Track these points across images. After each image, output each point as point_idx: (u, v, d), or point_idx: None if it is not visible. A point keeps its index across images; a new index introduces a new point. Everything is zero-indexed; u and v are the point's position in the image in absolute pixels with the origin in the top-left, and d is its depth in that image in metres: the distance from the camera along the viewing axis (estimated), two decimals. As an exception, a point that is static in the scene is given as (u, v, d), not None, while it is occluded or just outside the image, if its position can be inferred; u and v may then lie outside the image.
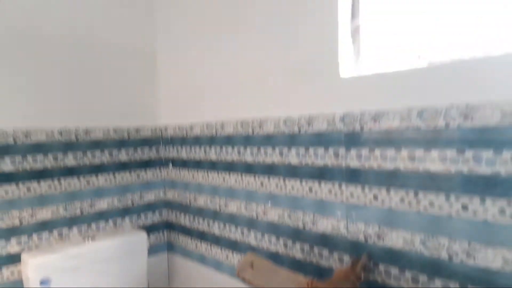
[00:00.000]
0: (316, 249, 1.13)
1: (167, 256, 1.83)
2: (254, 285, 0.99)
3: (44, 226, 1.48)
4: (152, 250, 1.75)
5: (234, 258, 1.43)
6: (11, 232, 1.41)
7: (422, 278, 0.89)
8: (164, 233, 1.82)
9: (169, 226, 1.81)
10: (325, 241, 1.10)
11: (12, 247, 1.41)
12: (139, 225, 1.74)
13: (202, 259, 1.62)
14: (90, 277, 1.44)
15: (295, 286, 0.90)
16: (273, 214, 1.26)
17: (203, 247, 1.61)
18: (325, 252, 1.10)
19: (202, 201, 1.59)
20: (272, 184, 1.26)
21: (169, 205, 1.80)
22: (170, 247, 1.82)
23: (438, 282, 0.86)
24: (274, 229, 1.26)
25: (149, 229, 1.73)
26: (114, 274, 1.50)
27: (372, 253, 0.98)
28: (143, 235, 1.60)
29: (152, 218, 1.79)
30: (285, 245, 1.23)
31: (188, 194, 1.67)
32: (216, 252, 1.53)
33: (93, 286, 1.45)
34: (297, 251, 1.19)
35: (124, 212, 1.70)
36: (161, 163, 1.81)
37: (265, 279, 0.97)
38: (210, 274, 1.56)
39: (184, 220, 1.71)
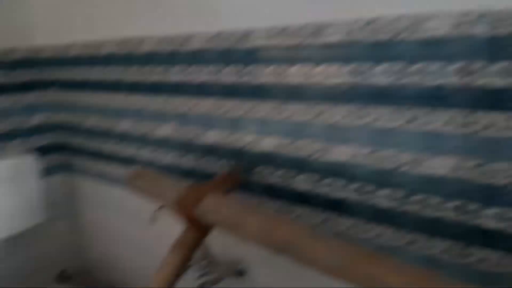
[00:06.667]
0: (204, 159, 1.21)
1: (64, 177, 1.80)
2: (143, 192, 1.05)
3: None
4: (47, 171, 1.70)
5: (129, 173, 1.47)
6: None
7: (368, 188, 0.91)
8: (58, 154, 1.77)
9: (61, 148, 1.76)
10: (213, 151, 1.18)
11: None
12: (28, 148, 1.66)
13: (99, 177, 1.63)
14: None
15: (177, 190, 0.97)
16: (164, 130, 1.29)
17: (99, 166, 1.61)
18: (212, 159, 1.19)
19: (92, 121, 1.56)
20: (159, 102, 1.28)
21: (60, 126, 1.73)
22: (67, 168, 1.79)
23: (384, 192, 0.89)
24: (164, 142, 1.31)
25: (42, 150, 1.66)
26: (4, 194, 1.47)
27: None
28: (31, 157, 1.55)
29: (44, 140, 1.71)
30: (176, 158, 1.29)
31: (78, 115, 1.62)
32: (112, 169, 1.55)
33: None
34: (187, 162, 1.26)
35: (12, 135, 1.60)
36: (44, 85, 1.69)
37: (152, 186, 1.03)
38: (108, 190, 1.60)
39: (76, 141, 1.68)
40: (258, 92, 1.02)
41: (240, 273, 1.22)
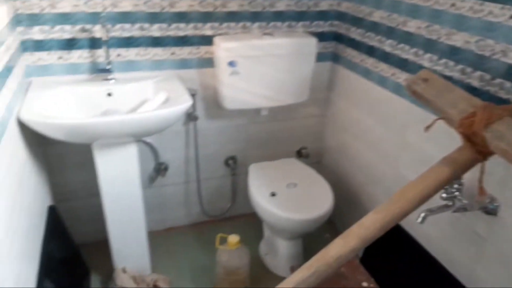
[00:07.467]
0: (498, 80, 1.07)
1: (330, 65, 1.93)
2: (424, 99, 1.03)
3: (232, 17, 1.67)
4: (318, 57, 1.84)
5: (401, 76, 1.45)
6: (207, 18, 1.64)
7: None
8: (332, 43, 1.88)
9: (338, 37, 1.85)
10: (512, 73, 1.03)
11: (207, 30, 1.66)
12: (310, 31, 1.81)
13: (365, 73, 1.67)
14: (267, 67, 1.65)
15: (469, 106, 0.91)
16: (457, 38, 1.18)
17: (369, 62, 1.64)
18: (508, 84, 1.04)
19: (378, 16, 1.54)
20: (467, 4, 1.14)
21: (341, 16, 1.80)
22: (335, 58, 1.90)
23: None
24: (455, 53, 1.20)
25: (318, 37, 1.78)
26: (286, 70, 1.69)
27: None
28: (313, 40, 1.69)
29: (323, 27, 1.83)
30: (463, 72, 1.18)
31: (365, 7, 1.62)
32: (383, 68, 1.55)
33: (269, 75, 1.67)
34: (475, 79, 1.14)
35: (299, 16, 1.77)
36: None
37: (437, 94, 0.99)
38: (371, 88, 1.64)
39: (355, 33, 1.72)
40: None
41: (491, 211, 1.13)
